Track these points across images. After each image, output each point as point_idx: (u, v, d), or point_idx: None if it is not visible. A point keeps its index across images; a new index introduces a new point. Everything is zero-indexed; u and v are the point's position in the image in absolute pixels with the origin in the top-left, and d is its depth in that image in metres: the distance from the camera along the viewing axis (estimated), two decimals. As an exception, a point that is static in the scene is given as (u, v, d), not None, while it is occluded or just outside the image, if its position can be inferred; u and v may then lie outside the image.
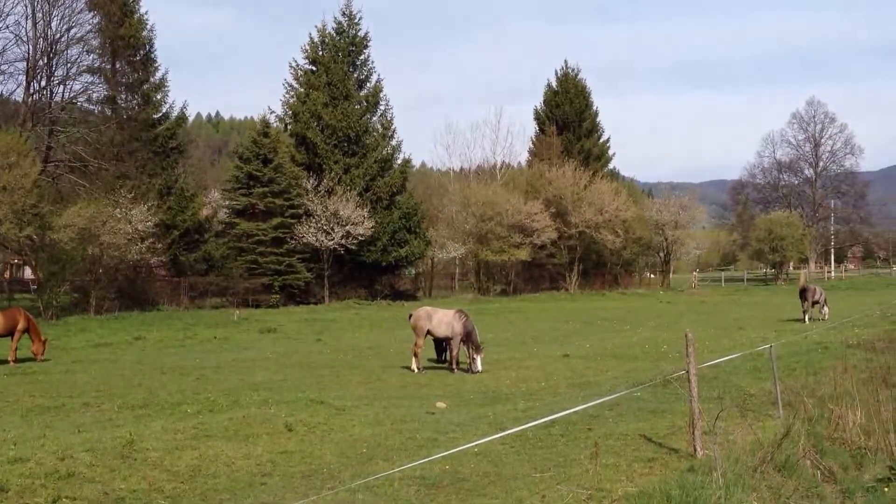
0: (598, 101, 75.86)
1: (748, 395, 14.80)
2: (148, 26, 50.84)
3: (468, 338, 20.54)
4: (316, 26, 57.08)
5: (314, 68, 55.69)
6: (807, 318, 33.47)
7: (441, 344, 22.09)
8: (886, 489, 10.11)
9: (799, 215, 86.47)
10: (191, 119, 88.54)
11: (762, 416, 12.95)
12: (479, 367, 20.14)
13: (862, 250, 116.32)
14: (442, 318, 21.07)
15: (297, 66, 56.02)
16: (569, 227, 63.13)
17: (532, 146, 75.08)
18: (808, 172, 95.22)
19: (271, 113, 56.26)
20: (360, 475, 9.71)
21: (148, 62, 51.00)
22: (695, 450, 10.16)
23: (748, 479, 9.11)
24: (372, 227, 50.97)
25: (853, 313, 33.89)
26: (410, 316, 21.98)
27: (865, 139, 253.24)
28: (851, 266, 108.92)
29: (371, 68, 57.88)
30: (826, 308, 34.92)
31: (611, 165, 78.55)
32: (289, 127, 55.96)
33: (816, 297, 35.11)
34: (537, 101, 75.45)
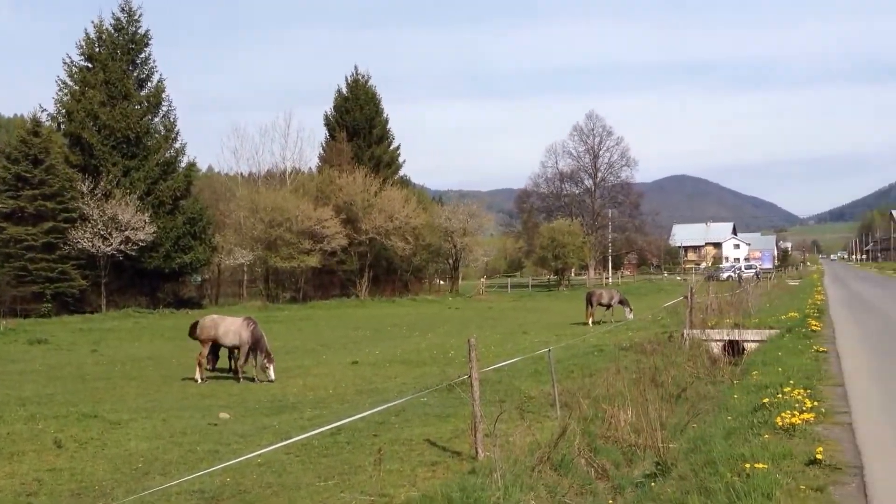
0: (389, 109, 75.95)
1: (529, 397, 15.26)
2: None
3: (258, 346, 20.10)
4: (92, 21, 54.25)
5: (90, 65, 52.90)
6: (590, 322, 35.26)
7: (230, 353, 21.53)
8: (653, 484, 10.65)
9: (580, 224, 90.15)
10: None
11: (541, 417, 13.38)
12: (273, 376, 19.76)
13: (637, 257, 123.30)
14: (229, 327, 20.51)
15: (72, 62, 53.00)
16: (359, 233, 63.22)
17: (322, 152, 74.58)
18: (588, 183, 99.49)
19: (43, 111, 52.80)
20: (135, 491, 9.25)
21: None
22: (477, 452, 10.33)
23: (526, 479, 9.36)
24: (154, 233, 49.02)
25: (622, 318, 35.80)
26: (196, 325, 21.27)
27: (640, 152, 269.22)
28: (627, 272, 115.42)
29: (153, 67, 55.69)
30: (628, 309, 36.84)
31: (401, 172, 79.24)
32: (62, 126, 52.87)
33: (605, 301, 37.02)
34: (328, 106, 75.06)
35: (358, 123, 73.20)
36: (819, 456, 8.77)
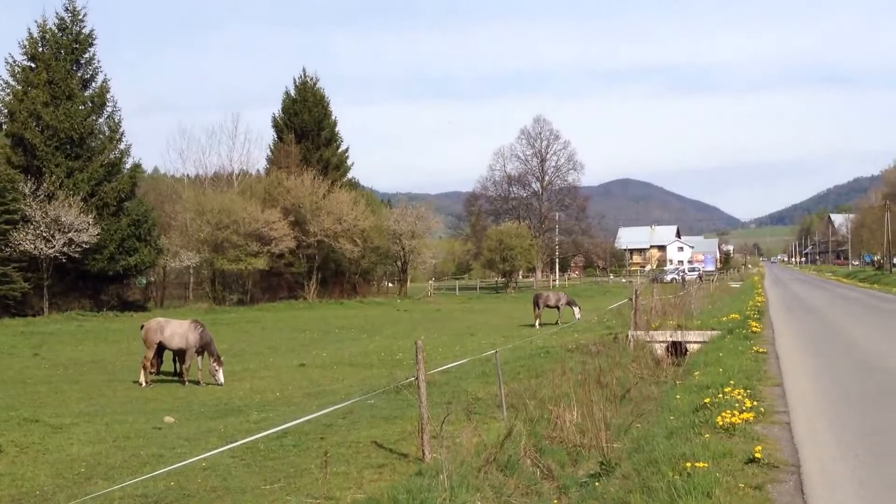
0: (338, 111, 75.83)
1: (476, 399, 15.34)
2: None
3: (206, 349, 19.95)
4: (35, 21, 53.24)
5: (33, 65, 51.85)
6: (538, 323, 35.62)
7: (175, 356, 21.33)
8: (597, 483, 10.80)
9: (527, 226, 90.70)
10: None
11: (488, 418, 13.48)
12: (222, 380, 19.61)
13: (583, 260, 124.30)
14: (176, 330, 20.33)
15: (15, 62, 51.96)
16: (307, 235, 62.93)
17: (270, 154, 74.08)
18: (536, 186, 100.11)
19: (-17, 111, 51.76)
20: (77, 496, 9.12)
21: None
22: (423, 454, 10.38)
23: (472, 480, 9.44)
24: (98, 235, 48.21)
25: (571, 319, 36.16)
26: (142, 328, 21.04)
27: (586, 156, 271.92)
28: (574, 274, 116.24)
29: (97, 67, 54.74)
30: (576, 308, 37.28)
31: (350, 175, 78.92)
32: (4, 127, 51.78)
33: (552, 302, 37.45)
34: (276, 108, 74.59)
35: (306, 125, 72.85)
36: (758, 455, 8.98)
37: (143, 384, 19.65)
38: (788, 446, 9.80)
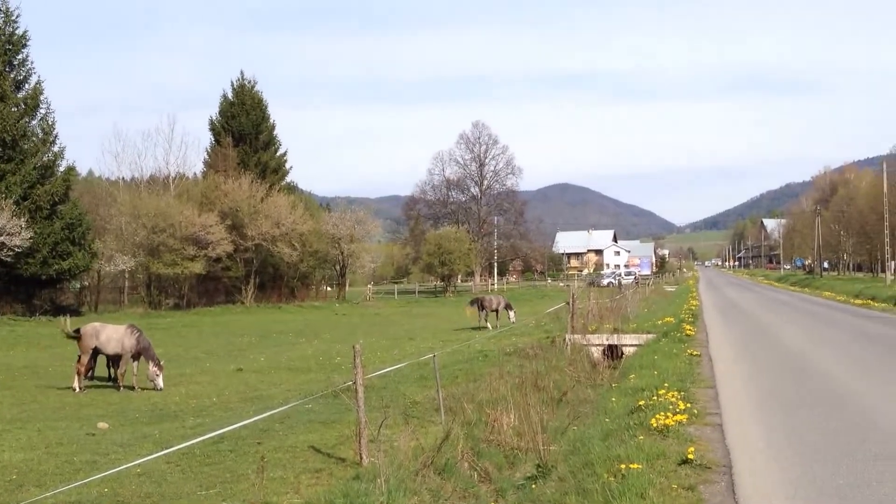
0: (277, 114, 75.14)
1: (414, 402, 15.40)
2: None
3: (145, 354, 19.67)
4: (-33, 23, 51.99)
5: (-36, 67, 50.67)
6: (489, 325, 36.24)
7: (109, 361, 20.98)
8: (534, 486, 10.91)
9: (466, 231, 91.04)
10: None
11: (426, 422, 13.53)
12: (161, 385, 19.37)
13: (521, 264, 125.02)
14: (111, 335, 20.00)
15: (-55, 64, 50.67)
16: (245, 239, 62.38)
17: (208, 157, 73.30)
18: (475, 190, 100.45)
19: (-88, 113, 50.27)
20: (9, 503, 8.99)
21: None
22: (361, 458, 10.39)
23: (410, 484, 9.47)
24: (30, 239, 47.09)
25: (507, 323, 36.41)
26: (78, 332, 20.64)
27: (524, 161, 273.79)
28: (512, 278, 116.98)
29: (30, 69, 53.53)
30: (512, 312, 37.57)
31: (289, 178, 78.40)
32: (-66, 129, 50.41)
33: (494, 306, 37.77)
34: (213, 111, 73.77)
35: (244, 129, 72.21)
36: (690, 456, 9.16)
37: (77, 390, 19.30)
38: (720, 447, 10.01)
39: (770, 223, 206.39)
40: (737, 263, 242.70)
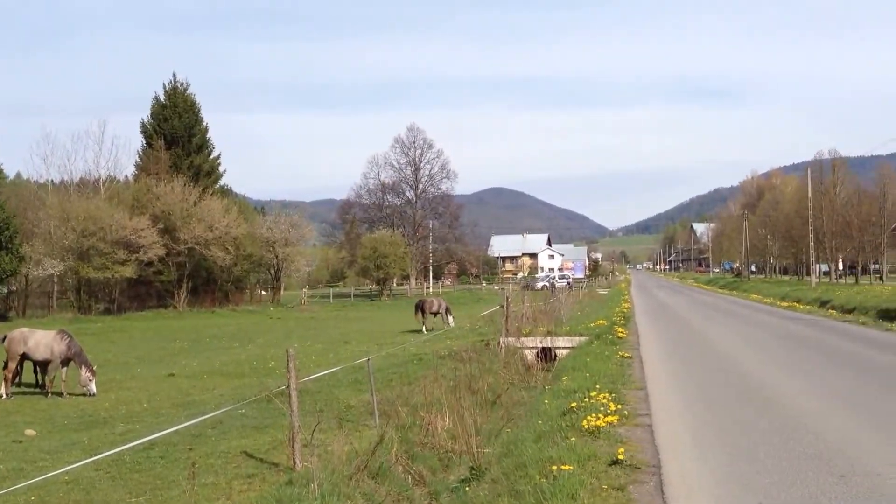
0: (210, 118, 74.07)
1: (348, 406, 15.37)
2: None
3: (77, 360, 19.30)
4: None
5: None
6: (424, 329, 36.30)
7: (36, 366, 20.55)
8: (468, 488, 10.99)
9: (401, 234, 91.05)
10: None
11: (360, 426, 13.52)
12: (94, 390, 19.05)
13: (457, 267, 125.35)
14: (40, 340, 19.60)
15: None
16: (178, 243, 61.45)
17: (139, 160, 72.08)
18: (410, 194, 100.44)
19: None
20: (-71, 516, 8.76)
21: None
22: (294, 463, 10.34)
23: (344, 488, 9.46)
24: (-46, 242, 46.04)
25: (442, 326, 36.52)
26: (4, 338, 20.17)
27: (459, 165, 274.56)
28: (448, 282, 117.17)
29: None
30: (450, 316, 37.73)
31: (222, 182, 77.40)
32: None
33: (434, 309, 37.97)
34: (145, 113, 72.55)
35: (176, 131, 71.16)
36: (621, 456, 9.32)
37: (4, 396, 18.90)
38: (650, 448, 10.19)
39: (699, 227, 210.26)
40: (667, 267, 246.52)
